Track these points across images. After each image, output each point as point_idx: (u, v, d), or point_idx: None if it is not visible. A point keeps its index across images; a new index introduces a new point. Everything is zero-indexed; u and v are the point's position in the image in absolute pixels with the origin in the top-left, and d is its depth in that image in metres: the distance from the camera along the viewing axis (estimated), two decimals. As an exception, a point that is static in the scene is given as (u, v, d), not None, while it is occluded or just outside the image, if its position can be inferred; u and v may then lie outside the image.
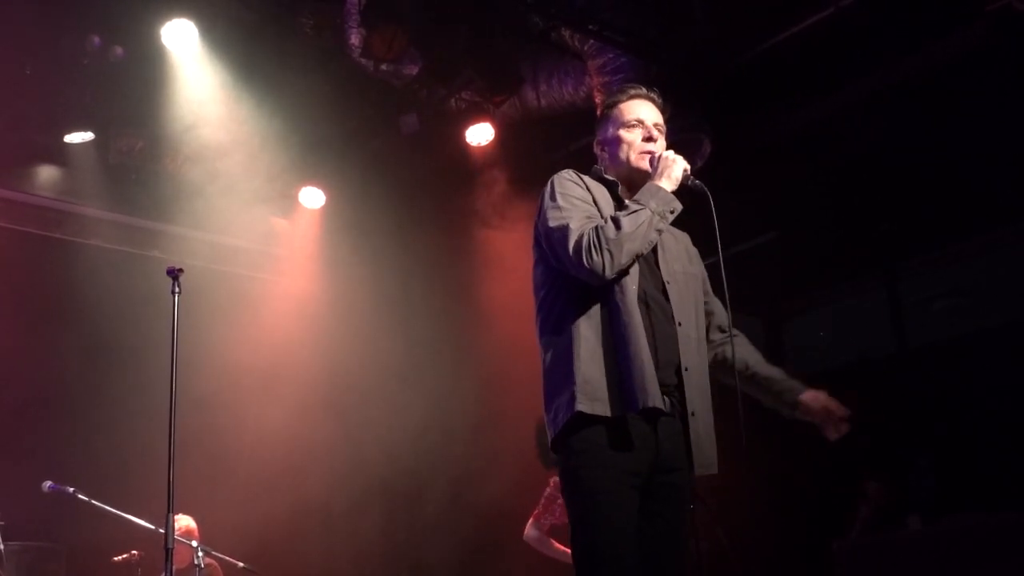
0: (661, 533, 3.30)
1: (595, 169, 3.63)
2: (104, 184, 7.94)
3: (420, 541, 8.48)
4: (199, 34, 7.08)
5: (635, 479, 3.24)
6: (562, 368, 3.30)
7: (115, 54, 7.04)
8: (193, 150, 7.78)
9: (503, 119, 8.03)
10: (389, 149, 8.15)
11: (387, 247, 8.51)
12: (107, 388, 7.51)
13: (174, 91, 7.35)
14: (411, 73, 7.64)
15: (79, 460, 7.16)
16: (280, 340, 8.36)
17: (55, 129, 7.54)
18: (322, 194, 8.59)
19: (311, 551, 8.23)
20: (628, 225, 3.26)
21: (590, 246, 3.24)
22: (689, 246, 3.68)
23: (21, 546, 6.59)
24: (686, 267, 3.57)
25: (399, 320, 8.56)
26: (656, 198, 3.35)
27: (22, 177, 7.98)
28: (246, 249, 8.94)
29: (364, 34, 7.28)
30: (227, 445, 7.75)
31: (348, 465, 8.25)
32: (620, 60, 7.28)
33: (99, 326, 7.62)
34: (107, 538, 6.68)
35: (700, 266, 3.67)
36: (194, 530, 6.83)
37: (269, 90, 7.49)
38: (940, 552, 6.08)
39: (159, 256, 8.21)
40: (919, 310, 8.93)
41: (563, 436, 3.28)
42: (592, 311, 3.32)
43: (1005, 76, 6.86)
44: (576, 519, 3.29)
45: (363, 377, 8.32)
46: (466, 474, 8.23)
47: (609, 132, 3.60)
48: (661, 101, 3.64)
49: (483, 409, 8.27)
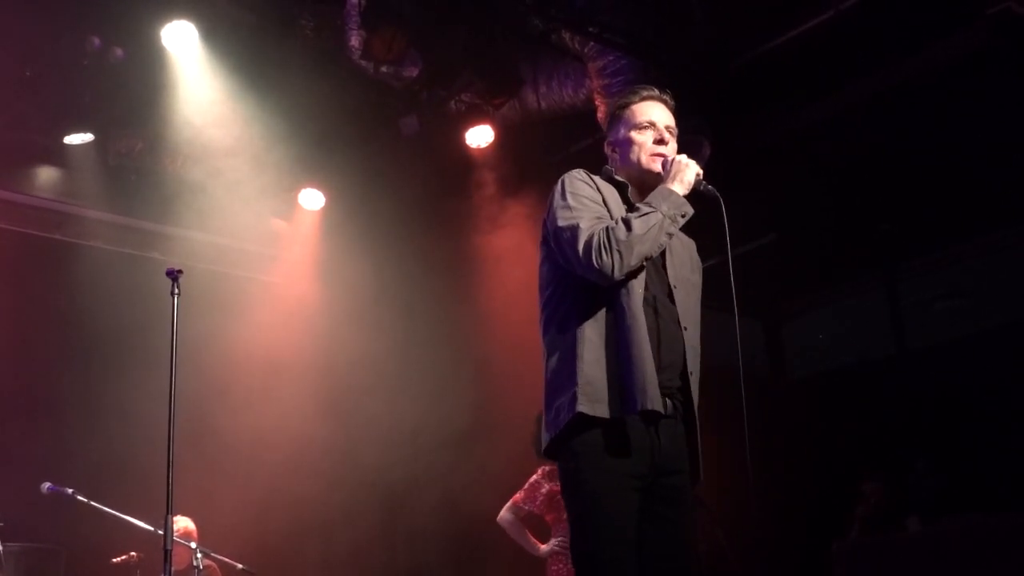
0: (666, 536, 3.30)
1: (605, 169, 3.62)
2: (104, 185, 7.94)
3: (418, 541, 8.49)
4: (199, 36, 7.07)
5: (636, 481, 3.23)
6: (565, 369, 3.29)
7: (115, 55, 7.03)
8: (193, 151, 7.78)
9: (503, 121, 8.03)
10: (389, 151, 8.15)
11: (387, 249, 8.51)
12: (106, 389, 7.51)
13: (174, 93, 7.34)
14: (411, 75, 7.65)
15: (78, 461, 7.15)
16: (279, 341, 8.36)
17: (55, 130, 7.53)
18: (322, 196, 8.59)
19: (309, 551, 8.23)
20: (639, 227, 3.26)
21: (600, 246, 3.23)
22: (694, 254, 3.66)
23: (20, 547, 6.57)
24: (690, 276, 3.56)
25: (398, 322, 8.57)
26: (668, 201, 3.34)
27: (22, 178, 7.98)
28: (246, 250, 8.94)
29: (364, 36, 7.27)
30: (226, 446, 7.74)
31: (347, 466, 8.25)
32: (620, 62, 7.28)
33: (98, 327, 7.62)
34: (106, 539, 6.67)
35: (700, 276, 3.66)
36: (193, 531, 6.83)
37: (269, 92, 7.49)
38: (939, 553, 6.09)
39: (159, 257, 8.21)
40: (919, 311, 8.94)
41: (564, 438, 3.27)
42: (597, 312, 3.31)
43: (1005, 78, 6.87)
44: (576, 521, 3.29)
45: (362, 378, 8.32)
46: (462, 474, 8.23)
47: (620, 133, 3.58)
48: (673, 103, 3.64)
49: (481, 410, 8.28)
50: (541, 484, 6.37)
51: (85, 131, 7.55)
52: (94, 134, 7.59)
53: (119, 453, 7.21)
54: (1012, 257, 8.40)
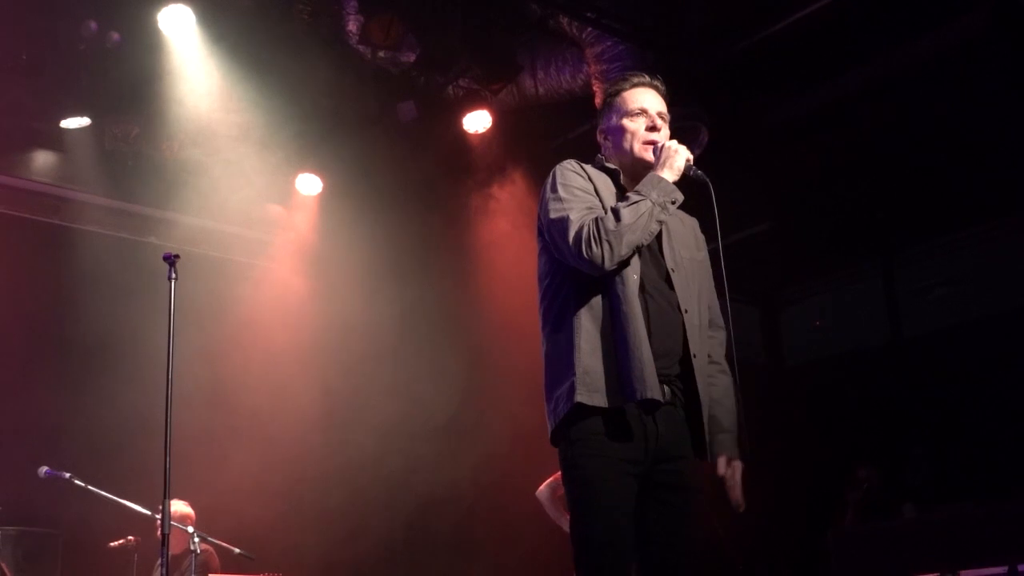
0: (669, 521, 3.31)
1: (597, 158, 3.62)
2: (100, 170, 7.93)
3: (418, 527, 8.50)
4: (196, 20, 7.06)
5: (632, 467, 3.24)
6: (563, 359, 3.30)
7: (112, 40, 7.02)
8: (189, 136, 7.78)
9: (500, 107, 8.02)
10: (386, 136, 8.13)
11: (384, 234, 8.50)
12: (103, 374, 7.51)
13: (170, 77, 7.33)
14: (408, 60, 7.63)
15: (75, 446, 7.16)
16: (275, 326, 8.37)
17: (52, 115, 7.53)
18: (319, 181, 8.58)
19: (307, 535, 8.24)
20: (628, 216, 3.26)
21: (590, 238, 3.24)
22: (697, 232, 3.65)
23: (17, 531, 6.60)
24: (693, 253, 3.55)
25: (395, 306, 8.56)
26: (657, 188, 3.34)
27: (18, 163, 7.97)
28: (243, 235, 8.93)
29: (362, 21, 7.26)
30: (223, 431, 7.76)
31: (344, 451, 8.25)
32: (618, 48, 7.27)
33: (96, 312, 7.61)
34: (103, 523, 6.69)
35: (706, 253, 3.65)
36: (189, 515, 6.84)
37: (266, 77, 7.48)
38: (934, 540, 6.10)
39: (155, 242, 8.21)
40: (915, 299, 8.95)
41: (562, 427, 3.29)
42: (593, 301, 3.32)
43: (1003, 67, 6.86)
44: (573, 506, 3.31)
45: (360, 362, 8.31)
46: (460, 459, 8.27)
47: (612, 121, 3.58)
48: (664, 89, 3.63)
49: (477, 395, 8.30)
50: None
51: (82, 115, 7.55)
52: (91, 118, 7.59)
53: (116, 437, 7.22)
54: (1009, 245, 8.41)
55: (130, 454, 6.85)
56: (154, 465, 4.69)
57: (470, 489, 8.26)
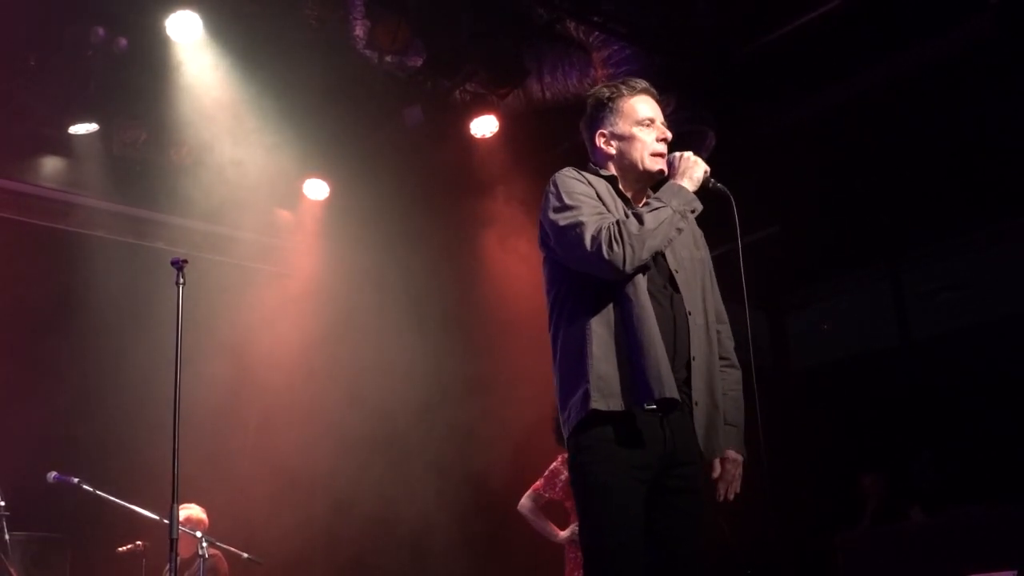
0: (678, 526, 3.32)
1: (590, 165, 3.61)
2: (109, 175, 7.96)
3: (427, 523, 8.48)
4: (203, 25, 7.09)
5: (643, 473, 3.24)
6: (576, 367, 3.31)
7: (119, 45, 7.04)
8: (197, 141, 7.80)
9: (507, 111, 8.02)
10: (393, 141, 8.15)
11: (391, 239, 8.52)
12: (112, 378, 7.53)
13: (178, 82, 7.36)
14: (415, 65, 7.64)
15: (84, 450, 7.18)
16: (283, 332, 8.38)
17: (60, 120, 7.55)
18: (326, 186, 8.60)
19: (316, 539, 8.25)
20: (651, 221, 3.29)
21: (611, 239, 3.24)
22: (695, 228, 3.65)
23: (26, 536, 6.61)
24: (693, 252, 3.56)
25: (403, 311, 8.57)
26: (678, 197, 3.38)
27: (27, 168, 7.99)
28: (250, 240, 8.95)
29: (368, 26, 7.27)
30: (232, 434, 7.78)
31: (352, 455, 8.26)
32: (625, 52, 7.27)
33: (104, 317, 7.64)
34: (112, 528, 6.71)
35: (706, 249, 3.66)
36: (200, 520, 6.83)
37: (273, 82, 7.50)
38: (942, 544, 6.09)
39: (163, 247, 8.24)
40: (922, 302, 8.93)
41: (575, 433, 3.30)
42: (603, 307, 3.32)
43: (1009, 69, 6.85)
44: (583, 512, 3.31)
45: (367, 367, 8.32)
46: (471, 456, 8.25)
47: (620, 127, 3.57)
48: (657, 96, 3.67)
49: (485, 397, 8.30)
50: (561, 471, 6.36)
51: (90, 121, 7.58)
52: (99, 124, 7.61)
53: (125, 442, 7.24)
54: (1016, 248, 8.38)
55: (138, 459, 6.86)
56: (162, 470, 4.70)
57: (492, 490, 8.22)
